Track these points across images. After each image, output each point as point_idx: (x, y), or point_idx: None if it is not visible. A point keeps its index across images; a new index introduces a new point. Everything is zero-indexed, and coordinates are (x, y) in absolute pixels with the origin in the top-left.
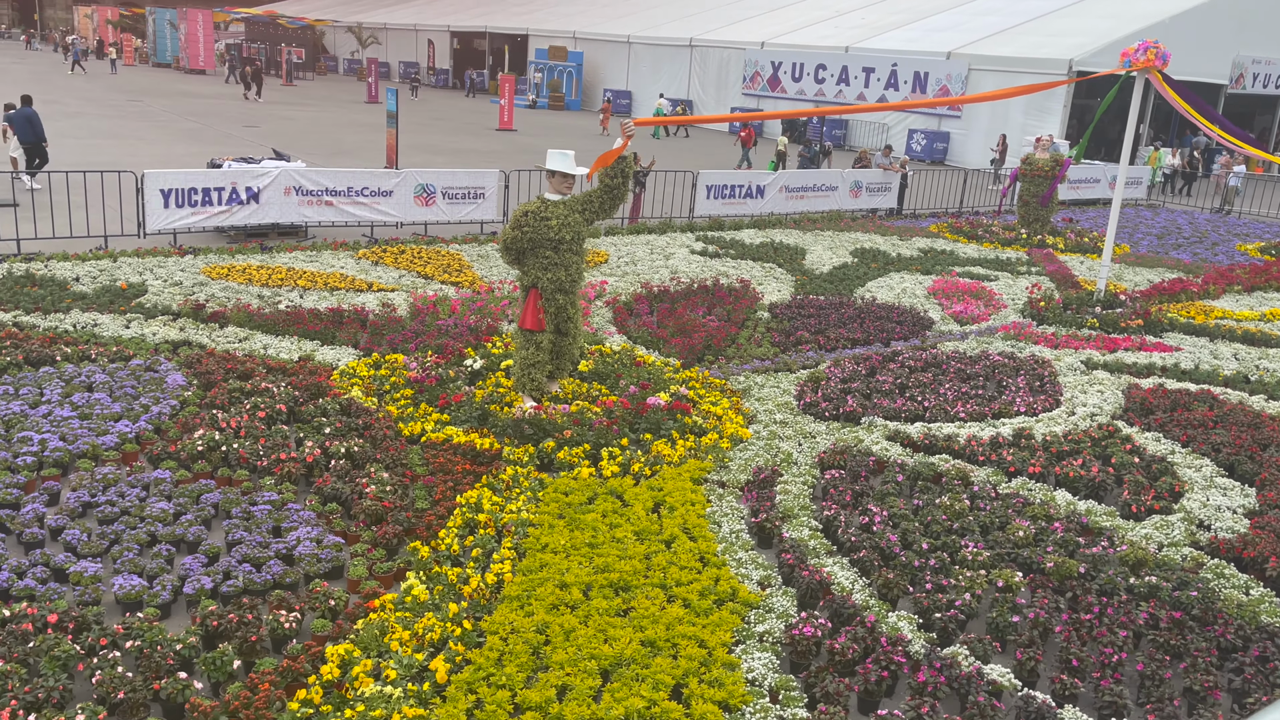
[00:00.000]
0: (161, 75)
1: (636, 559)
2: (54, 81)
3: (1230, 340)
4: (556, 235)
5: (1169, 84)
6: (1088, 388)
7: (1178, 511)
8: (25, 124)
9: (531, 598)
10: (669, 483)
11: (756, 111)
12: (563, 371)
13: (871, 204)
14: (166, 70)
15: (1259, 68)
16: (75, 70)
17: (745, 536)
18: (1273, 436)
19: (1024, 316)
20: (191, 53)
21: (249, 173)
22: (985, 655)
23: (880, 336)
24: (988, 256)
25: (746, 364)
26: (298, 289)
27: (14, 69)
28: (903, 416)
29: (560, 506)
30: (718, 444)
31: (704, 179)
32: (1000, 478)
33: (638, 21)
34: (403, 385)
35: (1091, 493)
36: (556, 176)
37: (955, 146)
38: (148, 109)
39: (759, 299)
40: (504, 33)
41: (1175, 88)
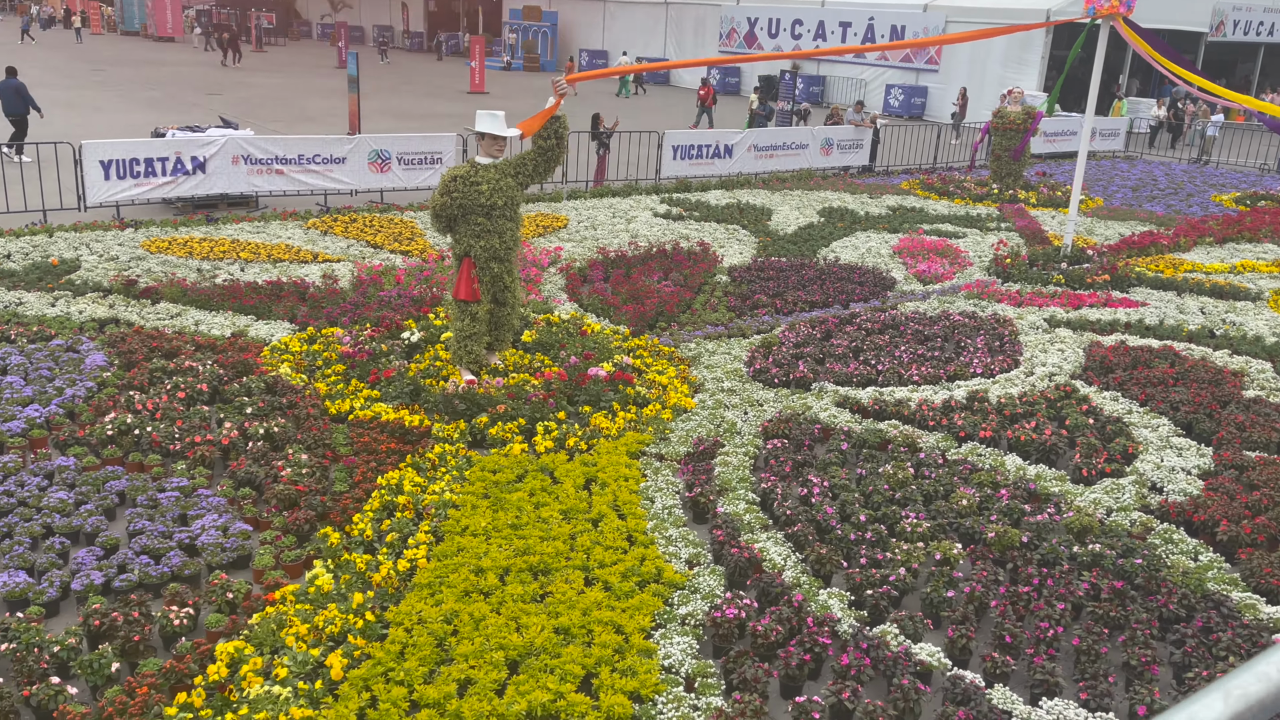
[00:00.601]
0: (129, 43)
1: (560, 540)
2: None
3: (1198, 294)
4: (488, 201)
5: (1135, 31)
6: (1048, 347)
7: (1130, 474)
8: (13, 95)
9: (444, 584)
10: (604, 457)
11: (699, 59)
12: (502, 343)
13: (843, 162)
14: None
15: (1239, 15)
16: (25, 40)
17: (678, 513)
18: (1233, 393)
19: (989, 274)
20: (159, 19)
21: (194, 142)
22: (916, 634)
23: (840, 298)
24: (958, 213)
25: (699, 330)
26: (240, 262)
27: None
28: (854, 381)
29: (487, 486)
30: (659, 415)
31: (670, 139)
32: (950, 443)
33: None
34: (335, 361)
35: (1043, 457)
36: (486, 139)
37: (933, 101)
38: (109, 78)
39: (718, 262)
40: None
41: (1142, 35)
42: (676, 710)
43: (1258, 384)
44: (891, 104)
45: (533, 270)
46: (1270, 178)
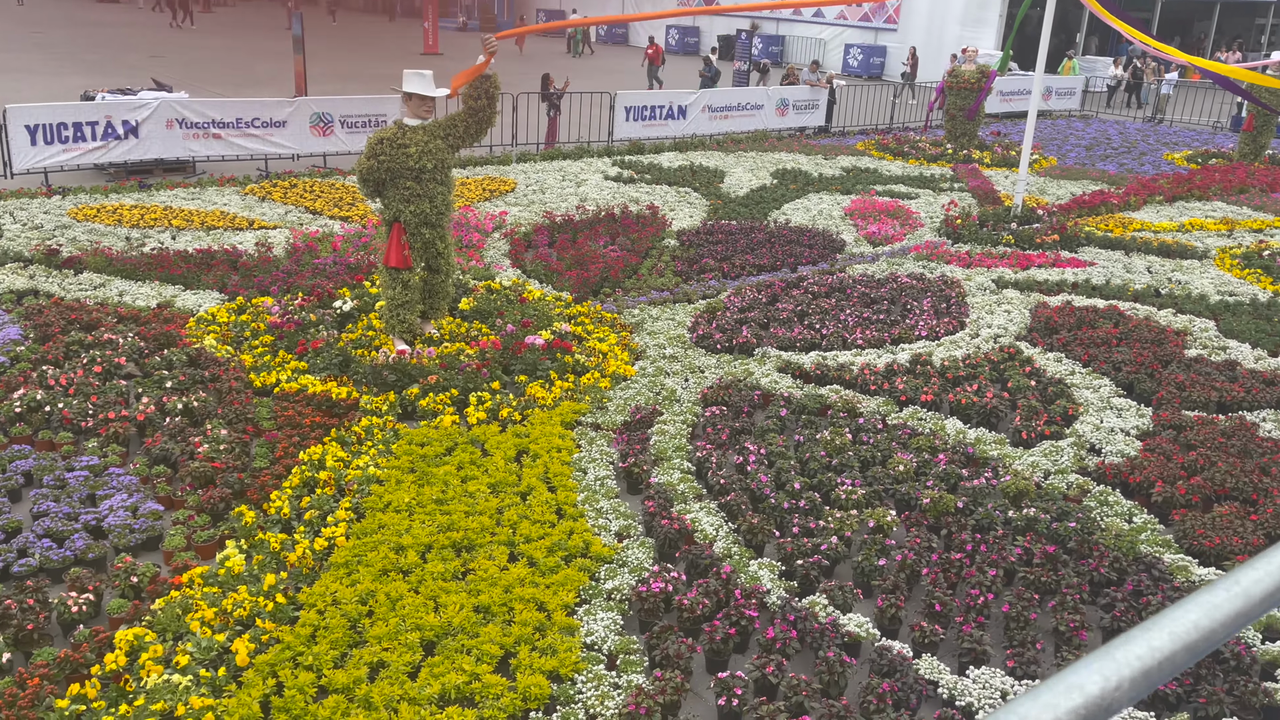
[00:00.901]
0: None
1: (487, 514)
2: None
3: (1145, 253)
4: (417, 164)
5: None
6: (995, 308)
7: (1069, 436)
8: None
9: (361, 563)
10: (537, 428)
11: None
12: (437, 311)
13: (799, 122)
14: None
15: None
16: None
17: (611, 484)
18: (1175, 353)
19: (940, 235)
20: None
21: (125, 105)
22: (846, 604)
23: (789, 262)
24: (911, 174)
25: (643, 296)
26: (171, 229)
27: None
28: (798, 346)
29: (414, 459)
30: (597, 384)
31: (622, 100)
32: (891, 408)
33: None
34: (263, 332)
35: (984, 420)
36: (414, 99)
37: (892, 61)
38: (48, 40)
39: (667, 226)
40: None
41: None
42: (596, 689)
43: (1200, 343)
44: (850, 63)
45: (475, 235)
46: (1222, 135)
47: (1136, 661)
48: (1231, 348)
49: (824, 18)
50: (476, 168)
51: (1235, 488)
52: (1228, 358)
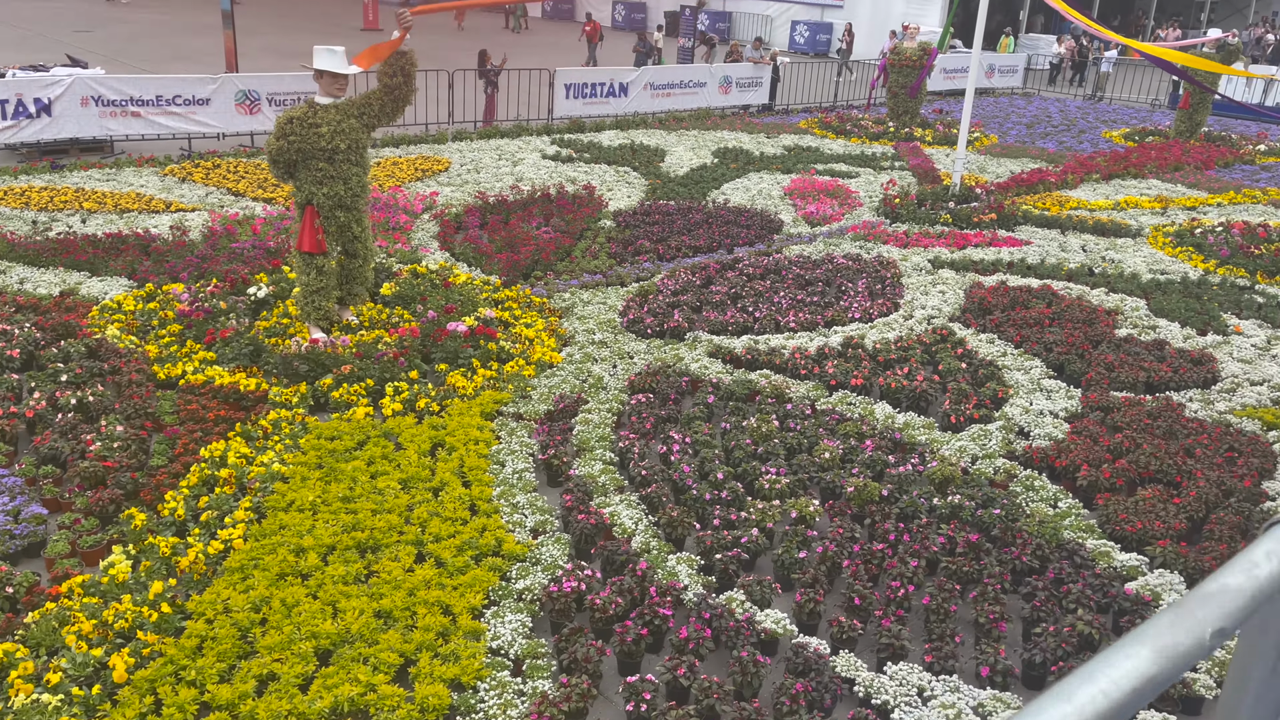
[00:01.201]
0: None
1: (396, 512)
2: None
3: (1081, 231)
4: (329, 144)
5: None
6: (930, 289)
7: (998, 419)
8: None
9: (258, 567)
10: (455, 420)
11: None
12: (356, 297)
13: (743, 100)
14: None
15: None
16: None
17: (529, 477)
18: (1106, 332)
19: (879, 215)
20: None
21: (36, 82)
22: (764, 599)
23: (725, 243)
24: (853, 152)
25: (575, 279)
26: (82, 212)
27: None
28: (729, 330)
29: (322, 455)
30: (520, 372)
31: (562, 77)
32: (821, 393)
33: None
34: (171, 320)
35: (913, 404)
36: (325, 77)
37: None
38: None
39: (604, 206)
40: None
41: None
42: (500, 697)
43: (1131, 322)
44: (797, 40)
45: (402, 217)
46: (1160, 113)
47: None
48: (1161, 327)
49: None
50: (410, 146)
51: (1160, 470)
52: (1157, 337)
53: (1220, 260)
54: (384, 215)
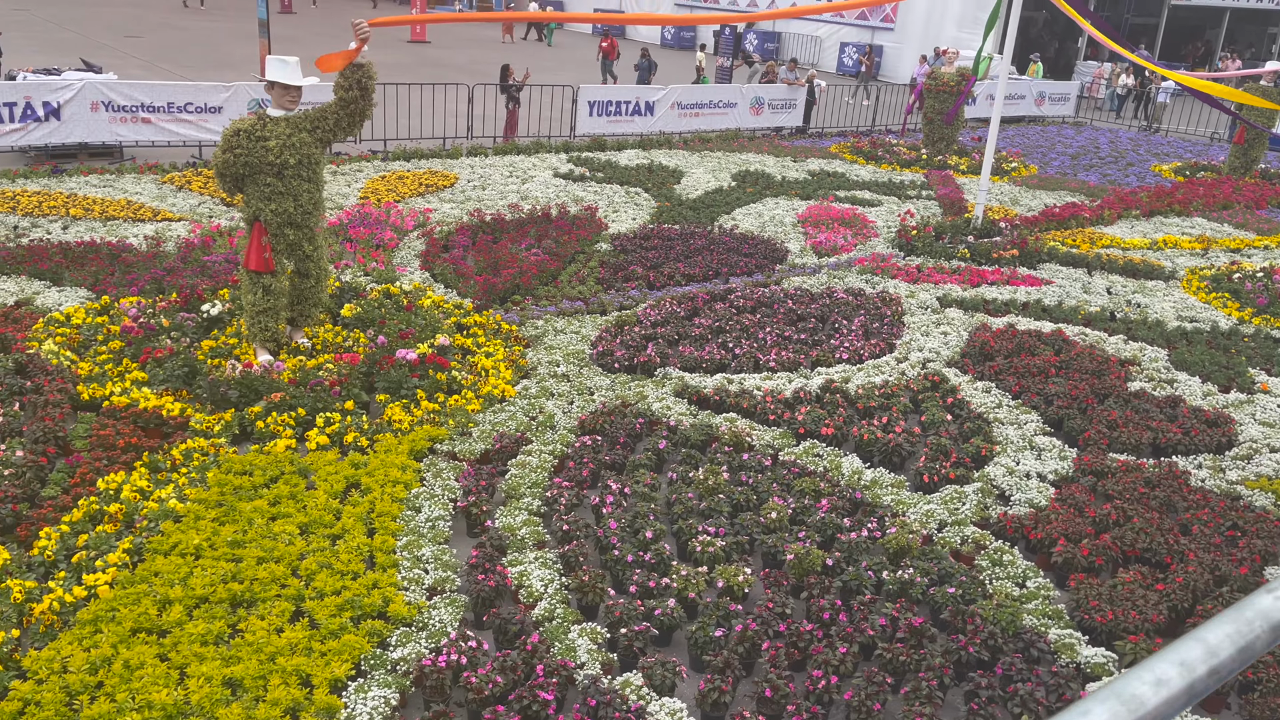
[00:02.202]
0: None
1: (286, 561)
2: None
3: (1110, 272)
4: (277, 158)
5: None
6: (932, 329)
7: (976, 480)
8: None
9: (115, 619)
10: (378, 458)
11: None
12: (307, 318)
13: (775, 122)
14: None
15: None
16: None
17: (444, 526)
18: (1116, 385)
19: (893, 247)
20: None
21: (46, 86)
22: (667, 684)
23: (723, 271)
24: (881, 179)
25: (553, 306)
26: (66, 219)
27: None
28: (704, 367)
29: (225, 491)
30: (463, 406)
31: (585, 94)
32: (787, 441)
33: None
34: (114, 336)
35: (886, 458)
36: (277, 88)
37: (888, 61)
38: (28, 17)
39: (603, 228)
40: None
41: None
42: None
43: (1147, 374)
44: (845, 63)
45: (388, 234)
46: (1218, 147)
47: None
48: (1180, 381)
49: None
50: (422, 160)
51: (1148, 549)
52: (1173, 393)
53: (1257, 309)
54: (369, 232)
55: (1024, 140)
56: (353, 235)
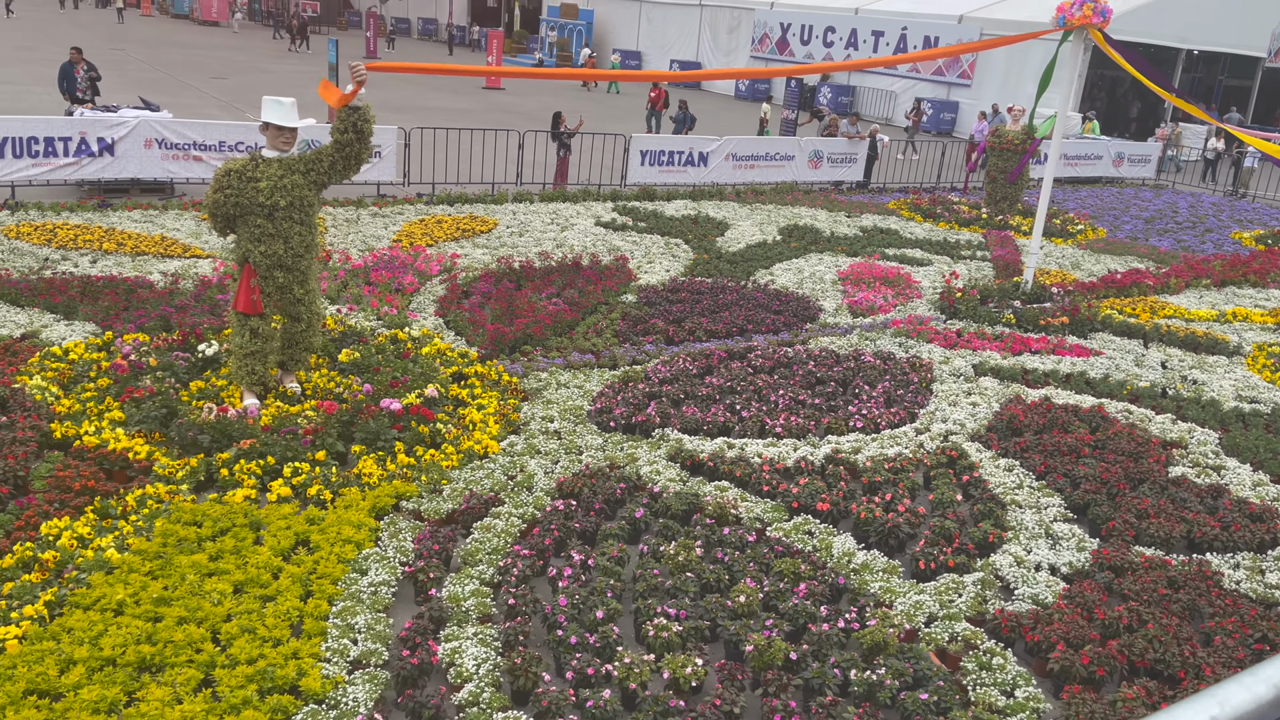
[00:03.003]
0: (172, 26)
1: (210, 622)
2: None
3: (1168, 344)
4: (268, 200)
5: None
6: (961, 399)
7: (979, 570)
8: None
9: (12, 680)
10: (336, 513)
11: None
12: (298, 363)
13: (835, 176)
14: (181, 21)
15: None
16: (8, 14)
17: (386, 593)
18: (1153, 469)
19: (935, 309)
20: (204, 3)
21: (101, 122)
22: None
23: (748, 328)
24: (936, 238)
25: (562, 358)
26: (97, 253)
27: None
28: (705, 430)
29: (170, 542)
30: (438, 462)
31: (637, 143)
32: (778, 515)
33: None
34: (104, 373)
35: (883, 540)
36: (271, 129)
37: (964, 117)
38: (123, 58)
39: (632, 279)
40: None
41: (1118, 49)
42: None
43: (1191, 459)
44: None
45: (409, 278)
46: None
47: None
48: (1228, 468)
49: (897, 70)
50: (465, 205)
51: (1160, 659)
52: (1218, 481)
53: None
54: (389, 275)
55: (1097, 202)
56: (373, 279)
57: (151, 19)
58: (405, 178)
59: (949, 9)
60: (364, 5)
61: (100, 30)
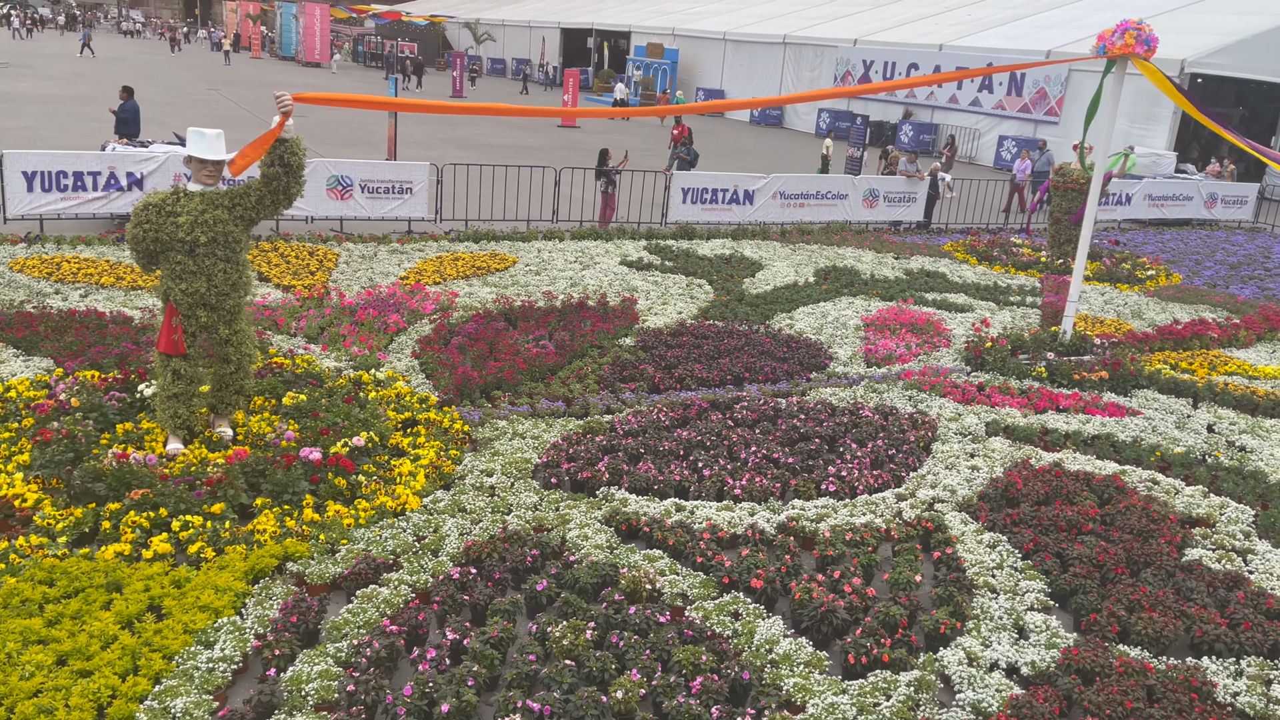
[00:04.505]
0: (275, 67)
1: (12, 699)
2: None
3: (1221, 404)
4: (188, 236)
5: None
6: (960, 461)
7: (918, 668)
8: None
9: None
10: (206, 575)
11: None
12: (229, 406)
13: (892, 216)
14: (287, 63)
15: None
16: (84, 53)
17: (224, 671)
18: (1162, 551)
19: (961, 360)
20: (308, 46)
21: (130, 157)
22: None
23: (745, 376)
24: (986, 282)
25: (526, 405)
26: (92, 286)
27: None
28: (655, 489)
29: (10, 603)
30: (339, 519)
31: (679, 180)
32: (707, 592)
33: (735, 18)
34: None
35: (816, 626)
36: (194, 162)
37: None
38: (215, 97)
39: (635, 321)
40: (609, 29)
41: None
42: None
43: (1215, 540)
44: (1004, 156)
45: (394, 317)
46: None
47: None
48: (1257, 553)
49: (981, 107)
50: (491, 242)
51: None
52: (1239, 568)
53: None
54: (375, 314)
55: (1180, 245)
56: (358, 318)
57: (260, 60)
58: (438, 214)
59: (1036, 44)
60: (462, 46)
61: (205, 72)
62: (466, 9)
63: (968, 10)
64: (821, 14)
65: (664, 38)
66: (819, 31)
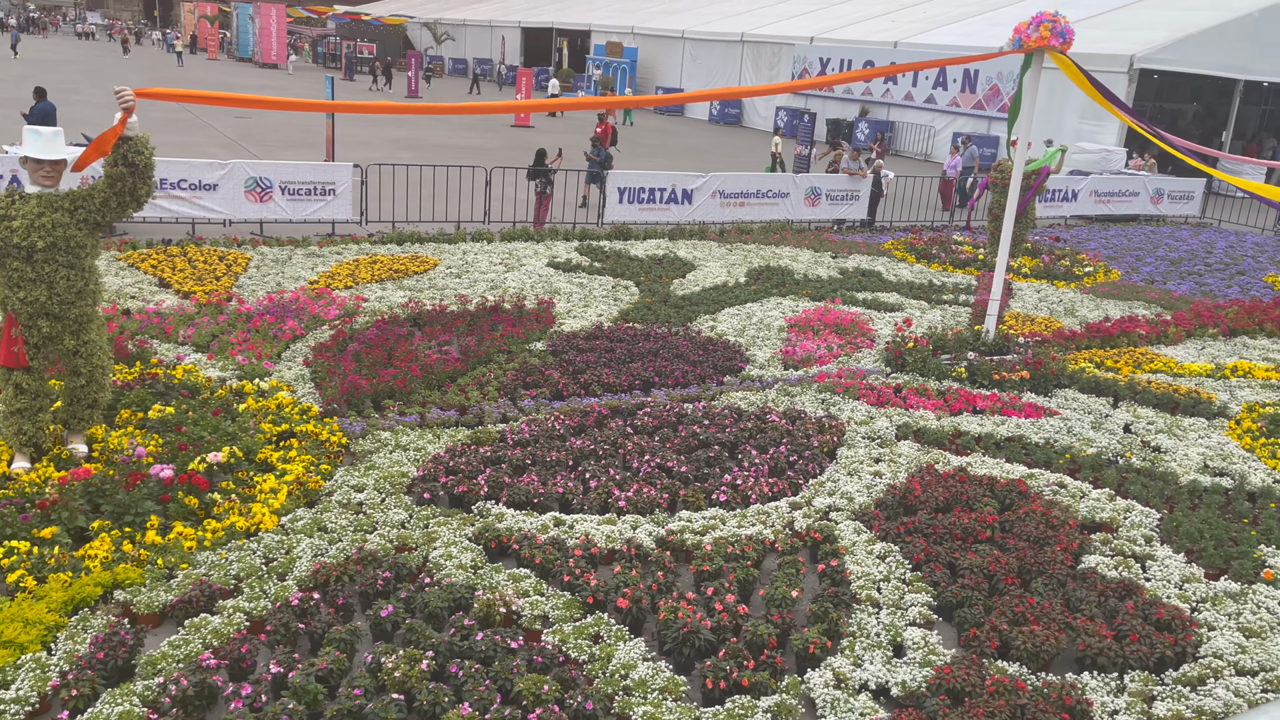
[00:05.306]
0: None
1: None
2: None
3: (1142, 403)
4: (24, 241)
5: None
6: (864, 467)
7: (778, 692)
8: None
9: None
10: (18, 606)
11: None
12: (81, 420)
13: (835, 214)
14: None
15: None
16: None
17: (14, 714)
18: (1056, 559)
19: (881, 362)
20: (264, 47)
21: None
22: None
23: (655, 380)
24: (920, 281)
25: (414, 415)
26: None
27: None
28: (536, 503)
29: None
30: (179, 542)
31: (613, 180)
32: (570, 614)
33: (694, 16)
34: None
35: (679, 647)
36: (30, 163)
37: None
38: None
39: (550, 325)
40: (569, 28)
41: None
42: None
43: (1114, 546)
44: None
45: (289, 323)
46: None
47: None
48: (1157, 559)
49: (936, 104)
50: (415, 245)
51: None
52: (1135, 575)
53: None
54: (271, 320)
55: (1123, 241)
56: (253, 325)
57: (217, 62)
58: (363, 216)
59: (989, 40)
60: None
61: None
62: (428, 9)
63: (923, 8)
64: (778, 12)
65: (624, 36)
66: (776, 29)
